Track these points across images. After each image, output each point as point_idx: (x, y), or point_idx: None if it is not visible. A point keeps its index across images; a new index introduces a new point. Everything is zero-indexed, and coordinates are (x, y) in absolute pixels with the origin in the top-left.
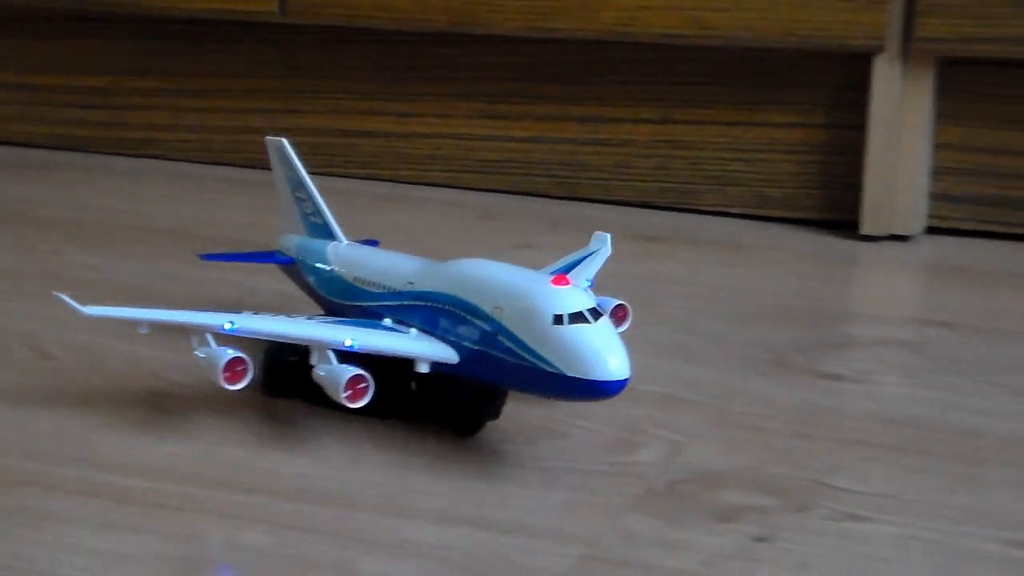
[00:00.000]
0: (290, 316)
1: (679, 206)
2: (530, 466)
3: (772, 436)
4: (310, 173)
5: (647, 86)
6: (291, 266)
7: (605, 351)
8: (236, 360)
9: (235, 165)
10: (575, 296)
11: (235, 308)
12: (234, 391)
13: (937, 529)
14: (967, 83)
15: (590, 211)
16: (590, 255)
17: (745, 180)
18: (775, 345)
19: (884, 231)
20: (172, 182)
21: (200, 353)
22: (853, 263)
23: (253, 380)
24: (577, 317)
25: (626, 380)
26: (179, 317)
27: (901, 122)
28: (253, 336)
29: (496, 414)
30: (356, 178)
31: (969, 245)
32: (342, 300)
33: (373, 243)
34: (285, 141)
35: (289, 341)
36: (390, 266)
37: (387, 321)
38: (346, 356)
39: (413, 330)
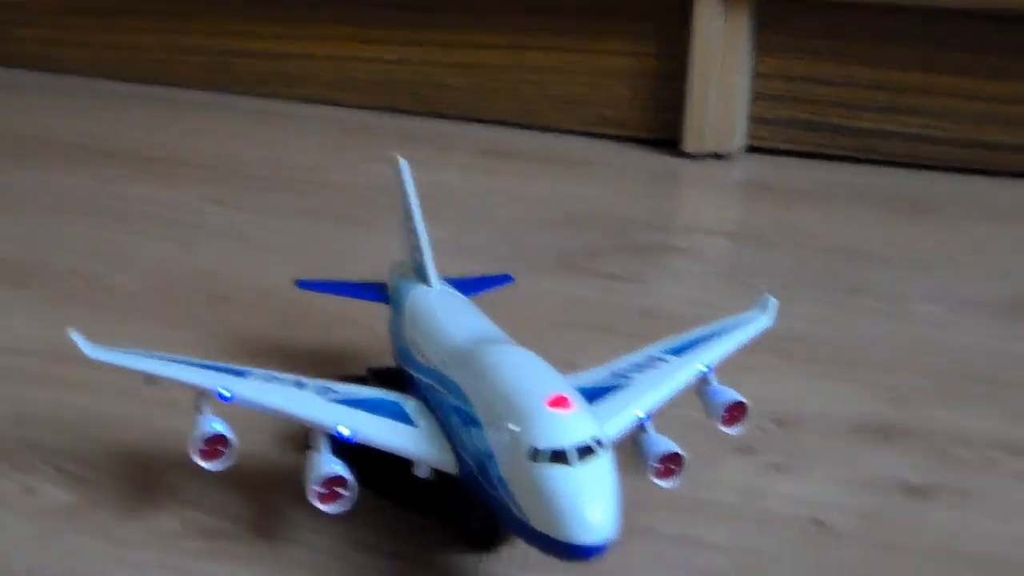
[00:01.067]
0: (313, 380)
1: (527, 124)
2: None
3: (539, 323)
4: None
5: (501, 15)
6: (389, 305)
7: (576, 506)
8: (217, 438)
9: (125, 80)
10: (565, 426)
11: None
12: (211, 470)
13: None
14: (785, 19)
15: (447, 127)
16: (736, 326)
17: (586, 101)
18: (569, 248)
19: (704, 150)
20: (69, 98)
21: (195, 417)
22: (672, 178)
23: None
24: (557, 456)
25: (602, 546)
26: (179, 374)
27: (721, 51)
28: (249, 407)
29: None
30: (236, 94)
31: (783, 164)
32: (400, 361)
33: (505, 279)
34: (404, 162)
35: (284, 417)
36: (440, 332)
37: (410, 403)
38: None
39: (425, 424)
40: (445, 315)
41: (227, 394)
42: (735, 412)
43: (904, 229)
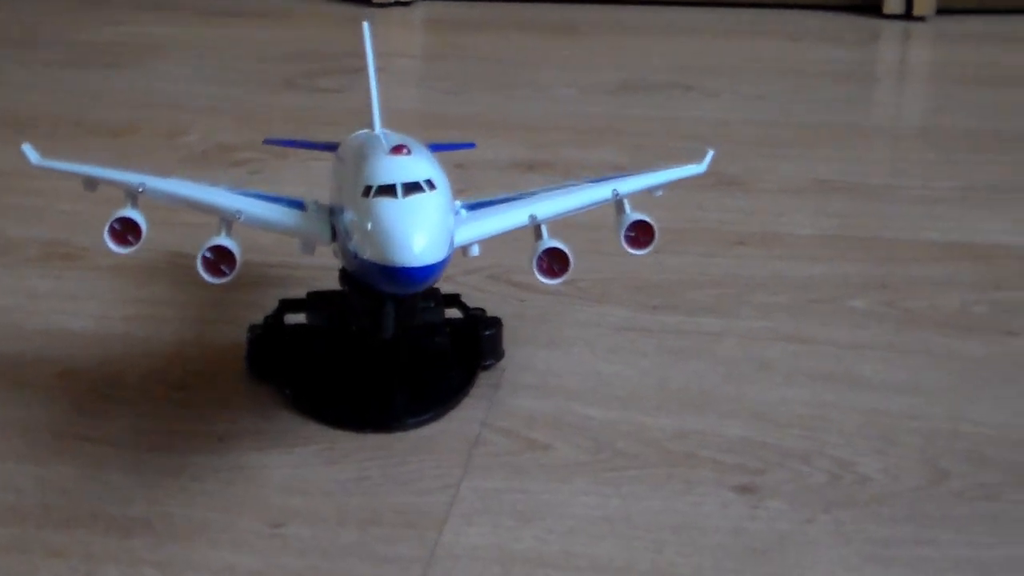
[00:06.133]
0: (212, 185)
1: None
2: None
3: (268, 124)
4: None
5: None
6: None
7: (397, 232)
8: (127, 221)
9: None
10: (397, 167)
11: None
12: (115, 251)
13: None
14: None
15: None
16: (669, 169)
17: None
18: (291, 75)
19: None
20: None
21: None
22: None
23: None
24: (385, 190)
25: (421, 268)
26: (108, 175)
27: None
28: (162, 200)
29: (496, 355)
30: None
31: (456, 6)
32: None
33: (456, 147)
34: (366, 24)
35: (187, 205)
36: (350, 146)
37: (311, 202)
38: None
39: (316, 209)
40: (366, 137)
41: (140, 189)
42: (640, 233)
43: (552, 44)
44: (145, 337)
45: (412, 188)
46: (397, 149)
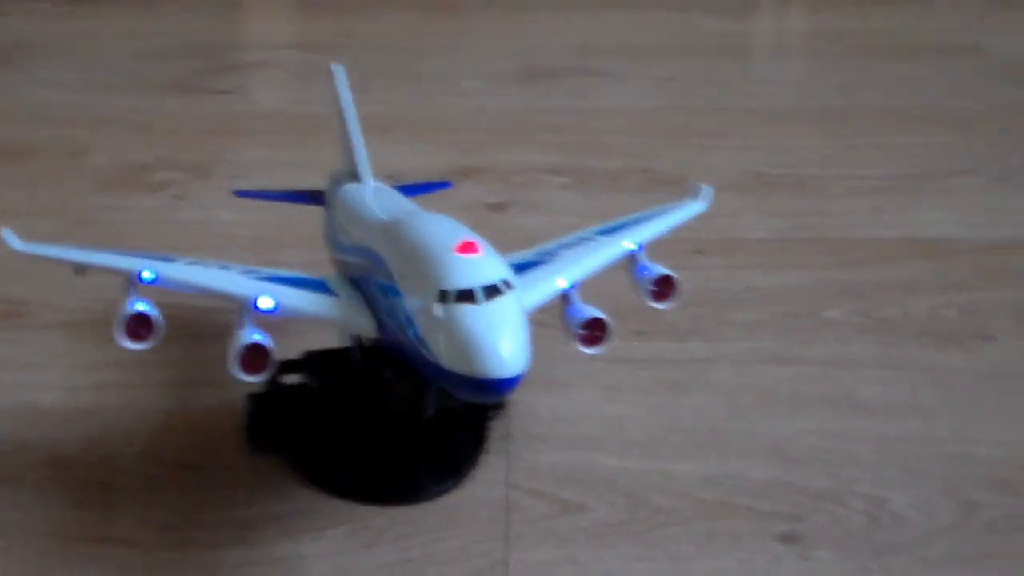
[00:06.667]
0: (225, 266)
1: None
2: None
3: (176, 136)
4: None
5: None
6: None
7: (483, 341)
8: (140, 317)
9: None
10: (472, 267)
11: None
12: (131, 348)
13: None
14: None
15: None
16: (669, 211)
17: None
18: (179, 75)
19: None
20: None
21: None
22: (235, 4)
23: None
24: (464, 295)
25: (512, 379)
26: (106, 261)
27: None
28: (171, 287)
29: (496, 406)
30: None
31: None
32: (331, 250)
33: (431, 188)
34: (337, 67)
35: (198, 292)
36: (367, 213)
37: (330, 280)
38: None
39: (346, 293)
40: (376, 200)
41: (150, 275)
42: (664, 286)
43: (438, 26)
44: (123, 408)
45: (492, 292)
46: (467, 247)
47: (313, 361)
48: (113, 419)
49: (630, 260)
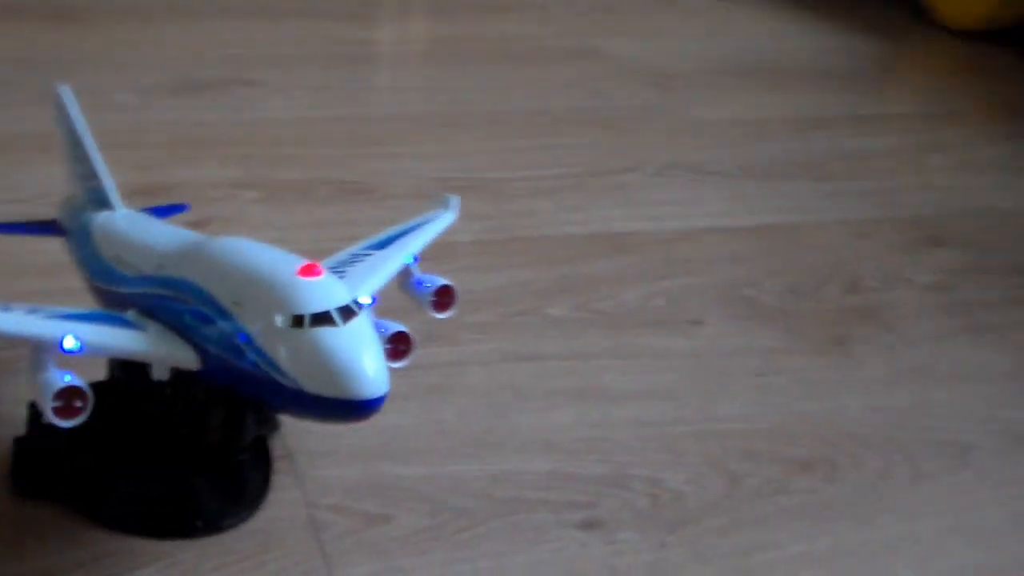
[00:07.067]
0: (22, 306)
1: None
2: None
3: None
4: None
5: None
6: (65, 239)
7: (351, 362)
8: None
9: None
10: (322, 290)
11: None
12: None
13: None
14: None
15: None
16: (424, 223)
17: None
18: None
19: None
20: None
21: None
22: None
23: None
24: (321, 319)
25: (381, 398)
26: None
27: None
28: None
29: (270, 424)
30: None
31: None
32: (102, 284)
33: (169, 211)
34: (64, 89)
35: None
36: (148, 242)
37: (130, 313)
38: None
39: (155, 325)
40: (145, 227)
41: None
42: (444, 296)
43: (62, 37)
44: None
45: (347, 313)
46: (309, 270)
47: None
48: None
49: (404, 273)
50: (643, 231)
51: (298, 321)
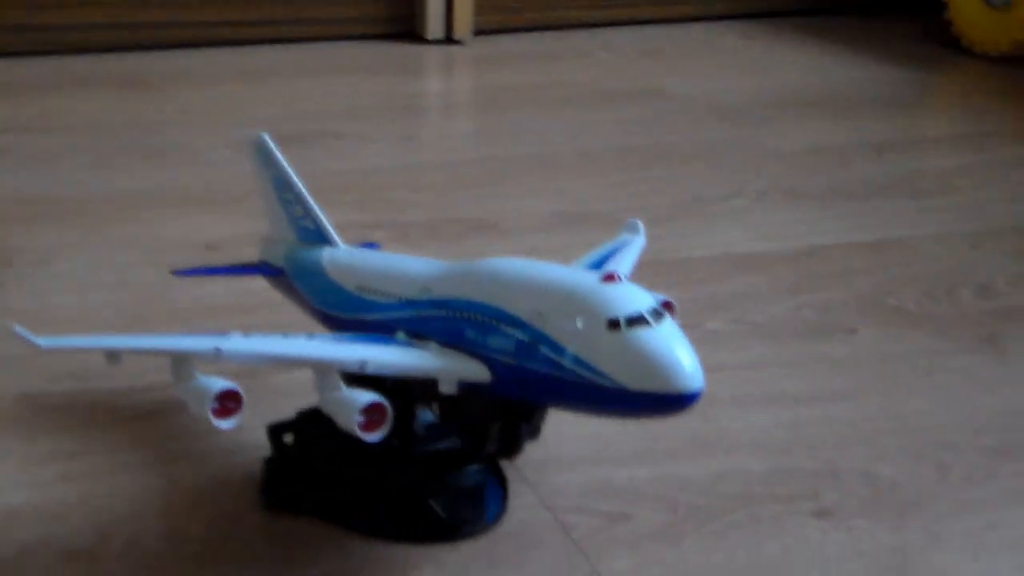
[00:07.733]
0: (287, 335)
1: None
2: None
3: None
4: None
5: None
6: (281, 278)
7: (675, 358)
8: (228, 393)
9: None
10: (632, 295)
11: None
12: (226, 428)
13: None
14: None
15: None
16: (622, 247)
17: None
18: None
19: None
20: None
21: (184, 387)
22: None
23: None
24: (636, 320)
25: (700, 391)
26: (153, 343)
27: None
28: (247, 362)
29: (535, 433)
30: None
31: None
32: (343, 313)
33: (371, 246)
34: (266, 136)
35: (289, 363)
36: (401, 270)
37: (400, 335)
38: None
39: (432, 344)
40: (384, 259)
41: (218, 352)
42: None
43: (134, 101)
44: (108, 495)
45: (657, 315)
46: (612, 277)
47: (308, 418)
48: (102, 513)
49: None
50: (767, 251)
51: (614, 324)
